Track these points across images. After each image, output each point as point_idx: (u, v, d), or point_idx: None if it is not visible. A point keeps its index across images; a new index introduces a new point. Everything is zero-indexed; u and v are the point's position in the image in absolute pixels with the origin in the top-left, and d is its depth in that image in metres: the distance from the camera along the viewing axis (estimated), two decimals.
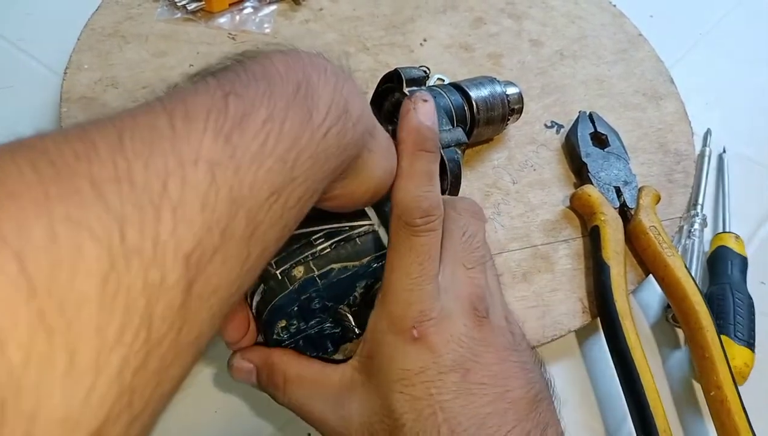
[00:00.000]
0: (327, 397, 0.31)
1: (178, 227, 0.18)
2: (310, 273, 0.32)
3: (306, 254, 0.32)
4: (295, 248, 0.33)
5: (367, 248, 0.33)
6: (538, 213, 0.52)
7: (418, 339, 0.29)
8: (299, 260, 0.32)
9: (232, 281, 0.21)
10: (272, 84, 0.24)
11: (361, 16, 0.65)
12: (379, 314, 0.31)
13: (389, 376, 0.30)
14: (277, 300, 0.32)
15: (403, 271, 0.30)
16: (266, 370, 0.33)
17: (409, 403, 0.29)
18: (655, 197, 0.51)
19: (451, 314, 0.30)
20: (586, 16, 0.69)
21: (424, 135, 0.31)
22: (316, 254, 0.32)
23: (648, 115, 0.60)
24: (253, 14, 0.63)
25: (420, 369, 0.29)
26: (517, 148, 0.56)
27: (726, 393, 0.41)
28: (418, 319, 0.30)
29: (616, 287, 0.45)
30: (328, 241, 0.33)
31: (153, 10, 0.61)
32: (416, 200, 0.30)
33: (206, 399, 0.42)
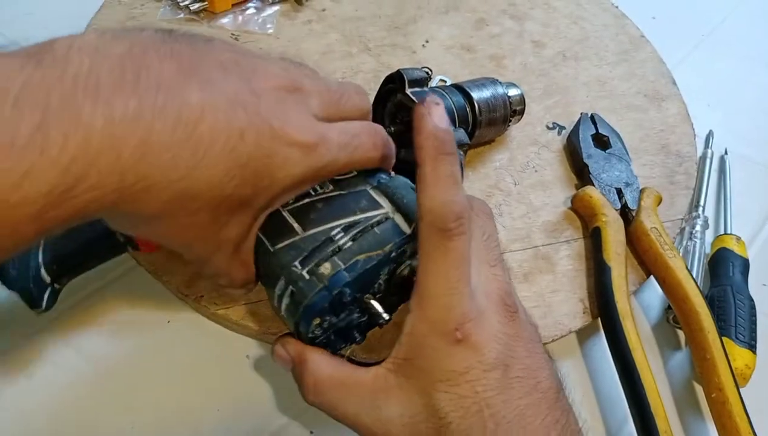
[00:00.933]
0: (361, 399, 0.32)
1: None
2: (337, 268, 0.32)
3: (329, 250, 0.33)
4: (316, 246, 0.33)
5: (387, 236, 0.34)
6: (540, 214, 0.52)
7: (462, 340, 0.30)
8: (324, 257, 0.33)
9: None
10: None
11: (364, 17, 0.65)
12: (418, 317, 0.31)
13: (432, 376, 0.30)
14: (308, 299, 0.32)
15: (441, 276, 0.30)
16: (299, 367, 0.34)
17: (455, 402, 0.29)
18: (656, 199, 0.51)
19: (486, 313, 0.31)
20: (588, 17, 0.69)
21: (442, 138, 0.31)
22: (340, 249, 0.33)
23: (650, 117, 0.60)
24: (256, 15, 0.63)
25: (465, 369, 0.30)
26: (518, 150, 0.56)
27: (727, 395, 0.41)
28: (460, 321, 0.30)
29: (617, 288, 0.45)
30: (347, 234, 0.33)
31: (156, 10, 0.62)
32: (447, 205, 0.30)
33: (207, 399, 0.42)
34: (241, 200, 0.30)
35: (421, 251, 0.31)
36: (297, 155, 0.31)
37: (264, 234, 0.34)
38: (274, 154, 0.30)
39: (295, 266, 0.33)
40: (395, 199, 0.35)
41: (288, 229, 0.34)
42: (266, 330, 0.43)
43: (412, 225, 0.34)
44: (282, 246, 0.33)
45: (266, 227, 0.34)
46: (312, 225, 0.33)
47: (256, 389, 0.43)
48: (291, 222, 0.34)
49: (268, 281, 0.34)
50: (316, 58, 0.60)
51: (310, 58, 0.60)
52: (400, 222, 0.34)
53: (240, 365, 0.44)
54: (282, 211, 0.34)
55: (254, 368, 0.44)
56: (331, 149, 0.32)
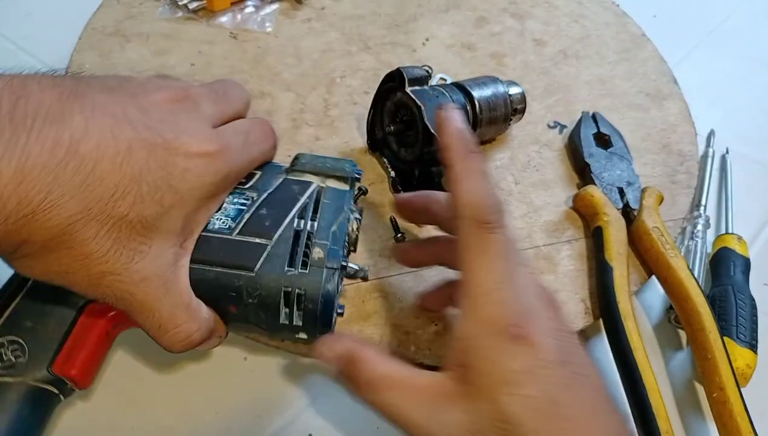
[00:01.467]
0: (419, 402, 0.31)
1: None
2: (325, 247, 0.34)
3: (305, 239, 0.34)
4: (290, 244, 0.33)
5: (336, 200, 0.36)
6: (541, 214, 0.52)
7: (519, 337, 0.29)
8: (305, 247, 0.33)
9: None
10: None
11: (363, 15, 0.65)
12: (469, 319, 0.30)
13: (495, 379, 0.29)
14: (323, 288, 0.33)
15: (487, 270, 0.30)
16: (349, 366, 0.32)
17: (523, 402, 0.28)
18: (658, 198, 0.51)
19: (535, 308, 0.30)
20: (590, 15, 0.69)
21: (467, 137, 0.32)
22: (312, 232, 0.34)
23: (651, 116, 0.60)
24: (255, 13, 0.63)
25: (527, 367, 0.29)
26: (519, 149, 0.56)
27: (728, 395, 0.40)
28: (514, 317, 0.29)
29: (619, 288, 0.45)
30: (307, 218, 0.34)
31: (154, 9, 0.61)
32: (486, 198, 0.31)
33: (205, 402, 0.42)
34: (146, 222, 0.29)
35: (464, 248, 0.31)
36: (199, 165, 0.30)
37: (228, 267, 0.33)
38: (172, 167, 0.29)
39: (288, 271, 0.33)
40: (315, 170, 0.36)
41: (252, 246, 0.33)
42: None
43: (346, 181, 0.36)
44: (260, 264, 0.33)
45: (227, 261, 0.33)
46: (272, 230, 0.34)
47: (254, 391, 0.43)
48: (251, 239, 0.33)
49: (265, 309, 0.33)
50: (315, 57, 0.60)
51: (310, 56, 0.60)
52: (334, 184, 0.36)
53: (238, 368, 0.44)
54: (231, 236, 0.33)
55: (252, 370, 0.44)
56: (233, 153, 0.32)
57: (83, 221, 0.27)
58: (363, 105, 0.56)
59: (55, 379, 0.32)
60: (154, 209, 0.29)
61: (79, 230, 0.27)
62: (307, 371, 0.44)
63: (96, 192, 0.27)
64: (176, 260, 0.31)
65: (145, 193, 0.28)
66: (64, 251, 0.27)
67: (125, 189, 0.28)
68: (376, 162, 0.53)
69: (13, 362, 0.31)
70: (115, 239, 0.28)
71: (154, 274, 0.30)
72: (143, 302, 0.30)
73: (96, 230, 0.27)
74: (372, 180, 0.51)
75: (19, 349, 0.31)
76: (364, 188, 0.50)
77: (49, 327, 0.32)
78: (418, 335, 0.44)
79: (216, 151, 0.31)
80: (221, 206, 0.34)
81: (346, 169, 0.37)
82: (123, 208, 0.28)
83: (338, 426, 0.42)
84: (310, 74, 0.58)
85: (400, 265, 0.43)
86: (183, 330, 0.31)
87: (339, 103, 0.57)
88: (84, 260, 0.28)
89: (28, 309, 0.32)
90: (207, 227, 0.33)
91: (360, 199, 0.49)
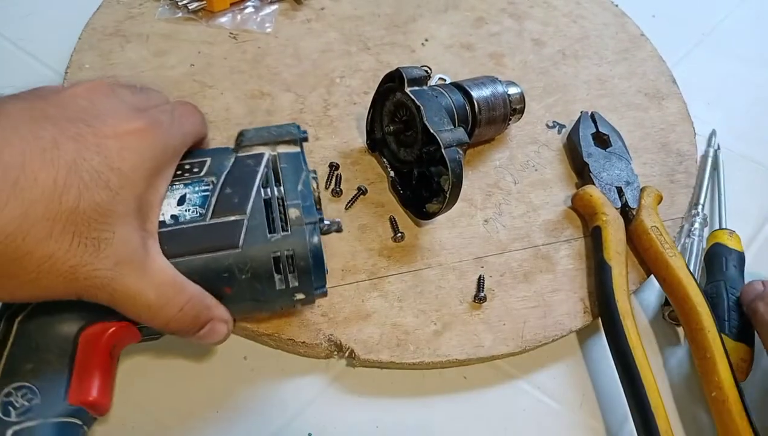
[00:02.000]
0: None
1: None
2: (298, 206, 0.35)
3: (278, 205, 0.35)
4: (266, 211, 0.34)
5: (293, 162, 0.37)
6: (540, 213, 0.52)
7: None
8: (282, 209, 0.35)
9: None
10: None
11: (363, 16, 0.65)
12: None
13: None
14: (311, 244, 0.34)
15: None
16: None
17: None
18: (657, 198, 0.51)
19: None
20: (588, 15, 0.69)
21: None
22: (283, 196, 0.35)
23: (650, 115, 0.60)
24: (255, 14, 0.63)
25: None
26: (518, 148, 0.56)
27: (727, 393, 0.40)
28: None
29: (618, 288, 0.45)
30: (274, 186, 0.35)
31: (154, 10, 0.61)
32: None
33: (206, 401, 0.42)
34: (100, 209, 0.29)
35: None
36: (133, 142, 0.30)
37: (213, 251, 0.33)
38: (106, 150, 0.29)
39: (271, 237, 0.34)
40: (263, 141, 0.37)
41: (230, 225, 0.34)
42: (264, 332, 0.43)
43: (295, 143, 0.37)
44: (243, 239, 0.34)
45: (210, 246, 0.33)
46: (243, 205, 0.34)
47: (254, 390, 0.43)
48: (226, 219, 0.34)
49: (259, 280, 0.34)
50: (314, 57, 0.60)
51: (309, 56, 0.60)
52: (285, 149, 0.37)
53: (238, 368, 0.44)
54: (206, 221, 0.34)
55: (252, 370, 0.44)
56: (164, 126, 0.32)
57: (29, 223, 0.27)
58: (362, 105, 0.56)
59: (75, 410, 0.32)
60: (104, 194, 0.29)
61: (29, 233, 0.27)
62: (307, 370, 0.44)
63: (33, 193, 0.27)
64: (144, 242, 0.31)
65: (89, 181, 0.28)
66: (25, 257, 0.27)
67: (65, 182, 0.28)
68: (376, 162, 0.53)
69: (28, 406, 0.30)
70: (74, 233, 0.28)
71: (127, 257, 0.30)
72: (126, 288, 0.30)
73: (48, 228, 0.27)
74: (372, 180, 0.52)
75: (29, 392, 0.31)
76: (363, 188, 0.50)
77: (51, 364, 0.32)
78: (418, 334, 0.44)
79: (145, 126, 0.31)
80: (183, 199, 0.34)
81: (292, 132, 0.38)
82: (70, 201, 0.28)
83: (338, 426, 0.42)
84: (309, 74, 0.59)
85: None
86: (173, 304, 0.32)
87: (338, 104, 0.57)
88: (49, 260, 0.28)
89: (23, 353, 0.32)
90: (178, 220, 0.34)
91: (359, 199, 0.49)
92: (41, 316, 0.32)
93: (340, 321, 0.44)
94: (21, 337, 0.32)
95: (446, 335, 0.44)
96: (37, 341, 0.32)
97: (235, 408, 0.42)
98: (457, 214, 0.50)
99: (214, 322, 0.34)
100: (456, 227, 0.50)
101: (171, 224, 0.33)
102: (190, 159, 0.36)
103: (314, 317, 0.44)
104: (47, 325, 0.32)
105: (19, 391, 0.31)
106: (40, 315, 0.32)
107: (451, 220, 0.50)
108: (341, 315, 0.44)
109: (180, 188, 0.35)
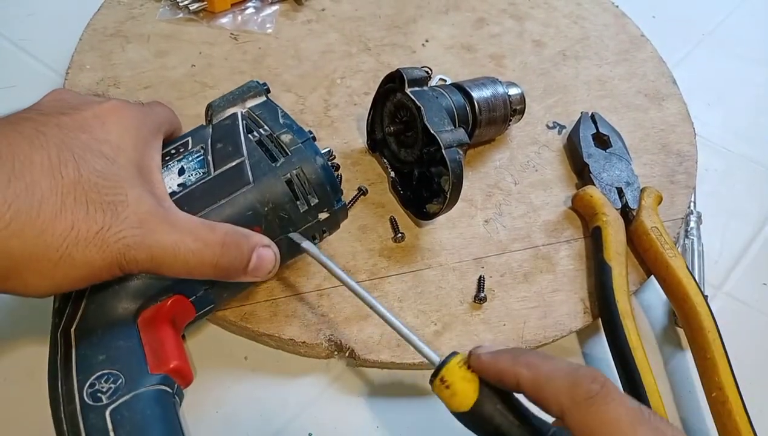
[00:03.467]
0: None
1: None
2: (289, 130, 0.38)
3: (268, 137, 0.38)
4: (260, 148, 0.37)
5: (266, 108, 0.40)
6: (540, 214, 0.52)
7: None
8: (272, 140, 0.38)
9: None
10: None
11: (363, 17, 0.65)
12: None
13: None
14: (313, 157, 0.37)
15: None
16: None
17: None
18: (657, 198, 0.51)
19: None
20: (589, 16, 0.69)
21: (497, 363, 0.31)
22: (271, 132, 0.38)
23: (650, 116, 0.60)
24: (255, 14, 0.63)
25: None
26: (518, 149, 0.56)
27: (727, 394, 0.40)
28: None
29: (618, 288, 0.45)
30: (258, 128, 0.38)
31: (155, 10, 0.62)
32: (572, 374, 0.29)
33: (207, 399, 0.42)
34: (102, 174, 0.30)
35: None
36: (112, 117, 0.32)
37: (229, 195, 0.35)
38: (89, 127, 0.31)
39: (276, 164, 0.36)
40: (230, 104, 0.39)
41: (234, 169, 0.36)
42: (264, 332, 0.43)
43: (260, 94, 0.40)
44: (251, 175, 0.36)
45: (224, 192, 0.35)
46: (238, 150, 0.37)
47: (255, 390, 0.43)
48: (228, 166, 0.36)
49: (282, 208, 0.36)
50: (315, 58, 0.60)
51: (310, 57, 0.60)
52: (253, 102, 0.40)
53: (238, 368, 0.44)
54: (212, 175, 0.36)
55: (252, 370, 0.44)
56: (136, 107, 0.35)
57: (37, 199, 0.28)
58: (363, 106, 0.56)
59: (161, 378, 0.32)
60: (101, 161, 0.30)
61: (41, 209, 0.28)
62: (307, 370, 0.44)
63: (33, 172, 0.28)
64: (160, 201, 0.32)
65: (82, 153, 0.30)
66: (45, 232, 0.28)
67: (59, 158, 0.29)
68: (376, 163, 0.53)
69: (114, 387, 0.31)
70: (87, 201, 0.29)
71: (148, 215, 0.31)
72: (160, 243, 0.31)
73: (59, 202, 0.28)
74: (372, 180, 0.52)
75: (111, 376, 0.31)
76: (364, 188, 0.50)
77: (121, 348, 0.32)
78: (418, 335, 0.44)
79: (118, 104, 0.33)
80: (182, 170, 0.36)
81: (254, 87, 0.40)
82: (71, 173, 0.29)
83: (338, 426, 0.42)
84: (310, 75, 0.59)
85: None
86: (213, 241, 0.32)
87: (339, 104, 0.57)
88: (71, 230, 0.28)
89: (91, 350, 0.32)
90: (186, 185, 0.35)
91: (359, 199, 0.49)
92: (95, 318, 0.33)
93: (340, 321, 0.44)
94: (83, 340, 0.33)
95: (446, 336, 0.44)
96: (99, 337, 0.33)
97: (235, 408, 0.42)
98: (458, 214, 0.50)
99: (258, 249, 0.34)
100: (456, 227, 0.50)
101: (180, 190, 0.35)
102: (171, 145, 0.38)
103: (314, 317, 0.44)
104: (104, 320, 0.33)
105: (101, 378, 0.31)
106: (93, 318, 0.33)
107: (452, 220, 0.50)
108: (341, 315, 0.44)
109: (175, 164, 0.37)
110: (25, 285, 0.29)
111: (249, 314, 0.43)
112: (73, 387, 0.31)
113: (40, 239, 0.28)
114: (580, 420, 0.27)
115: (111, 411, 0.30)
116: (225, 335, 0.45)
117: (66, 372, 0.32)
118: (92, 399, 0.30)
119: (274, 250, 0.35)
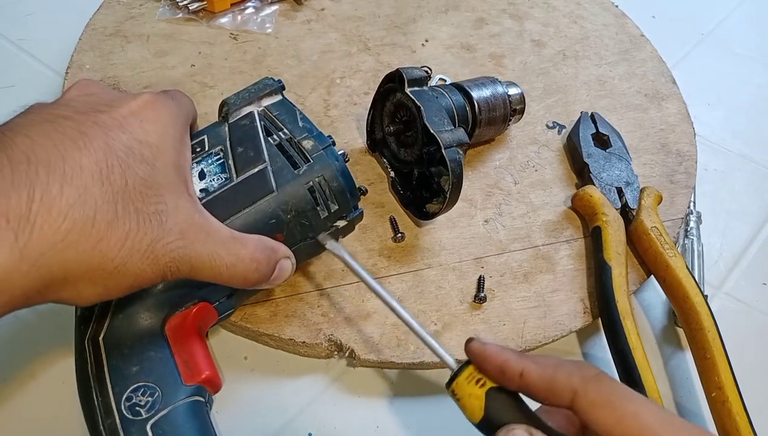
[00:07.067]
0: None
1: None
2: (309, 136, 0.38)
3: (289, 141, 0.38)
4: (281, 155, 0.37)
5: (283, 107, 0.39)
6: (540, 214, 0.52)
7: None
8: (294, 147, 0.37)
9: None
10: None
11: (363, 17, 0.65)
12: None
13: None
14: (333, 164, 0.37)
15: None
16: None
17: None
18: (656, 198, 0.51)
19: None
20: (588, 16, 0.69)
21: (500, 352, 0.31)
22: (291, 136, 0.38)
23: (650, 116, 0.60)
24: (255, 14, 0.63)
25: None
26: (518, 149, 0.56)
27: (727, 394, 0.40)
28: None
29: (618, 288, 0.45)
30: (278, 130, 0.38)
31: (154, 10, 0.61)
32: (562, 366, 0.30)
33: None
34: (146, 182, 0.30)
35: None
36: (150, 114, 0.32)
37: (253, 203, 0.35)
38: (129, 126, 0.31)
39: (298, 171, 0.36)
40: (246, 102, 0.39)
41: (257, 175, 0.36)
42: (264, 332, 0.43)
43: (276, 92, 0.39)
44: (274, 182, 0.36)
45: (248, 199, 0.35)
46: (259, 156, 0.36)
47: (254, 390, 0.43)
48: (251, 172, 0.36)
49: (304, 215, 0.36)
50: (315, 58, 0.60)
51: (310, 57, 0.60)
52: (269, 100, 0.39)
53: (238, 368, 0.44)
54: (235, 181, 0.35)
55: (252, 370, 0.44)
56: (165, 97, 0.34)
57: (90, 207, 0.27)
58: (363, 106, 0.56)
59: (195, 389, 0.33)
60: (144, 167, 0.30)
61: (95, 218, 0.27)
62: (308, 370, 0.44)
63: (84, 178, 0.28)
64: (195, 206, 0.32)
65: (125, 158, 0.29)
66: (101, 243, 0.28)
67: (106, 163, 0.28)
68: (376, 162, 0.53)
69: (152, 401, 0.31)
70: (135, 210, 0.29)
71: (187, 223, 0.31)
72: (199, 254, 0.31)
73: (112, 210, 0.28)
74: (372, 180, 0.52)
75: (147, 389, 0.32)
76: (364, 188, 0.50)
77: (153, 359, 0.33)
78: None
79: (152, 98, 0.33)
80: (203, 173, 0.36)
81: (269, 84, 0.40)
82: (118, 181, 0.28)
83: (338, 426, 0.42)
84: (309, 75, 0.59)
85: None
86: (244, 256, 0.33)
87: (339, 104, 0.57)
88: (126, 240, 0.28)
89: (123, 361, 0.32)
90: (209, 191, 0.35)
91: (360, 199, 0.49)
92: (123, 326, 0.33)
93: (340, 321, 0.44)
94: (113, 350, 0.33)
95: (446, 335, 0.44)
96: (130, 347, 0.33)
97: (235, 408, 0.42)
98: (457, 214, 0.50)
99: (281, 260, 0.35)
100: (456, 227, 0.50)
101: (203, 197, 0.35)
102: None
103: (314, 317, 0.44)
104: (132, 329, 0.33)
105: (137, 391, 0.31)
106: (121, 327, 0.33)
107: (451, 220, 0.50)
108: (341, 315, 0.44)
109: (195, 167, 0.36)
110: (78, 295, 0.29)
111: (249, 314, 0.43)
112: (110, 400, 0.31)
113: (96, 250, 0.28)
114: (596, 392, 0.28)
115: (152, 426, 0.30)
116: (225, 335, 0.45)
117: (100, 384, 0.32)
118: (131, 413, 0.31)
119: (293, 260, 0.36)
